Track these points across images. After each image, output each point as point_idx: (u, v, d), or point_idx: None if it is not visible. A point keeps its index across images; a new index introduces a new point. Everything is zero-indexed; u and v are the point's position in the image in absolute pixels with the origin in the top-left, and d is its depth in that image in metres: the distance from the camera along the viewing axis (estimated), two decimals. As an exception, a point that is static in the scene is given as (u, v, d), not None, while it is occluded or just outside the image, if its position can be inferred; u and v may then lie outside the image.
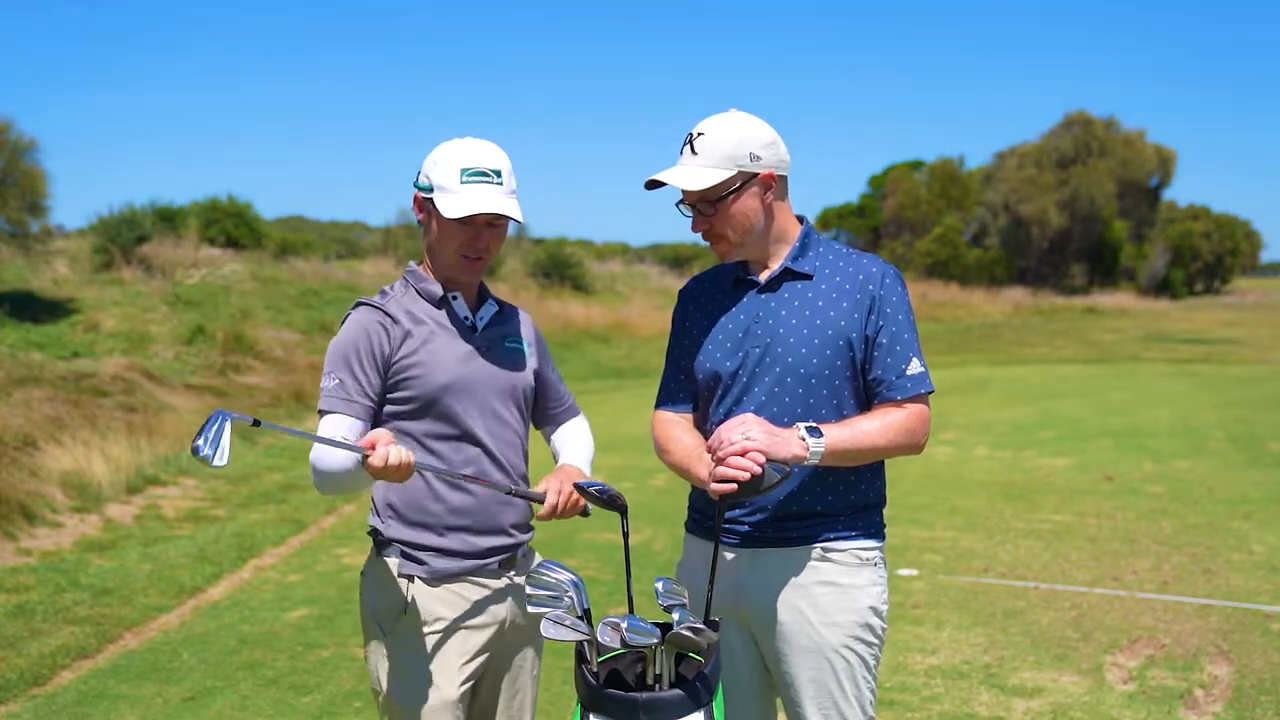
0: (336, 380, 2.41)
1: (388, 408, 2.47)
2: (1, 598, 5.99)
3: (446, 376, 2.45)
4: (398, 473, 2.18)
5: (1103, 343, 26.30)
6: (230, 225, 24.66)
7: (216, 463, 2.02)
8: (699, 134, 2.43)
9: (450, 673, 2.45)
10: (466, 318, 2.55)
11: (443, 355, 2.47)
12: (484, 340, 2.55)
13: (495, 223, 2.47)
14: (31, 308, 15.75)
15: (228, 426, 2.03)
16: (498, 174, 2.43)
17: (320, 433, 2.35)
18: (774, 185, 2.45)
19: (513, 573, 2.55)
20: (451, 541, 2.47)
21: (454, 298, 2.54)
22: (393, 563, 2.48)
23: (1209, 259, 58.82)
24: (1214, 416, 13.01)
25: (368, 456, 2.15)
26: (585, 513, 2.50)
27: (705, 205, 2.44)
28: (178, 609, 5.91)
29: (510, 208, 2.42)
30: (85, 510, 7.99)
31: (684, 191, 2.44)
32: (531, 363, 2.65)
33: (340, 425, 2.37)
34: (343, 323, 2.51)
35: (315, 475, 2.35)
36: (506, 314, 2.67)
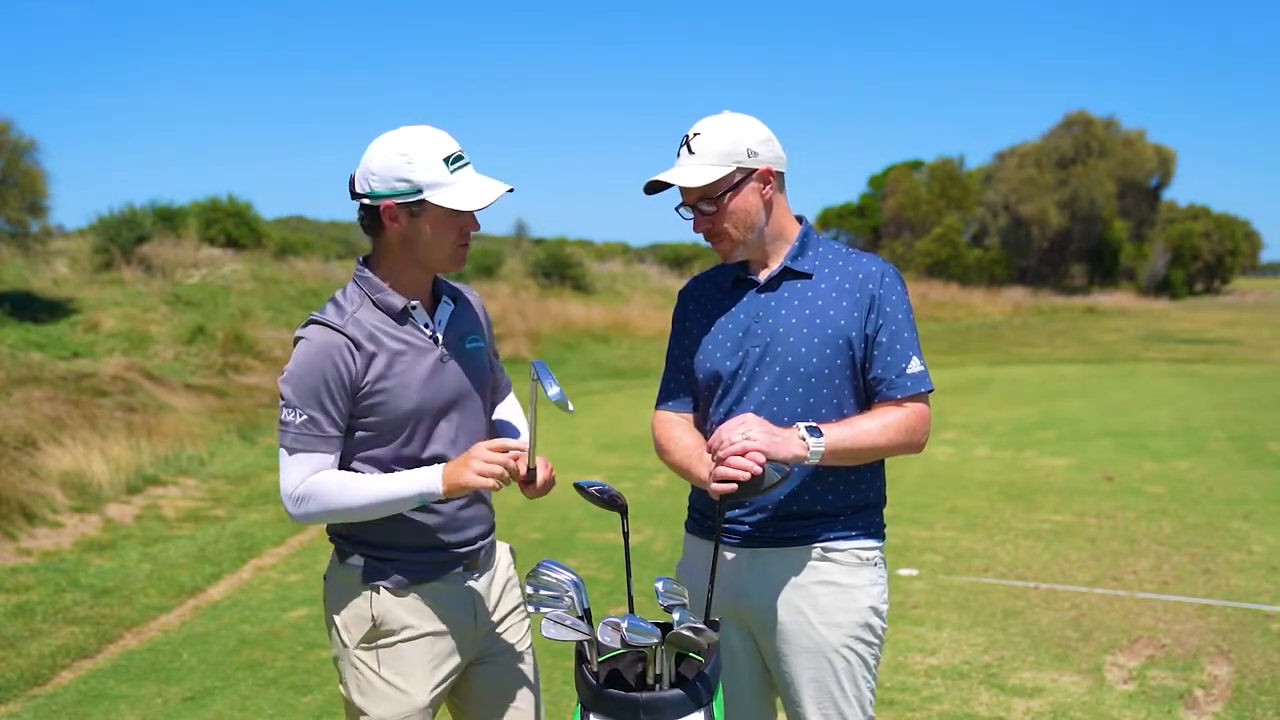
0: (305, 416, 2.31)
1: (357, 433, 2.38)
2: (1, 598, 5.99)
3: (414, 400, 2.37)
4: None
5: (1103, 343, 26.27)
6: (230, 225, 24.62)
7: (570, 408, 2.32)
8: (695, 134, 2.43)
9: (420, 680, 2.42)
10: (427, 325, 2.44)
11: (408, 377, 2.36)
12: (447, 349, 2.45)
13: None
14: (31, 308, 15.76)
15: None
16: (464, 154, 2.38)
17: (287, 471, 2.32)
18: (772, 180, 2.46)
19: (477, 573, 2.52)
20: (414, 554, 2.43)
21: (414, 307, 2.42)
22: (356, 572, 2.43)
23: (1209, 259, 58.84)
24: (1214, 416, 13.00)
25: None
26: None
27: (706, 204, 2.44)
28: (178, 609, 5.91)
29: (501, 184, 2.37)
30: (85, 510, 7.99)
31: (684, 192, 2.45)
32: (489, 357, 2.60)
33: (315, 464, 2.32)
34: (296, 341, 2.39)
35: (314, 509, 2.31)
36: (461, 307, 2.55)
